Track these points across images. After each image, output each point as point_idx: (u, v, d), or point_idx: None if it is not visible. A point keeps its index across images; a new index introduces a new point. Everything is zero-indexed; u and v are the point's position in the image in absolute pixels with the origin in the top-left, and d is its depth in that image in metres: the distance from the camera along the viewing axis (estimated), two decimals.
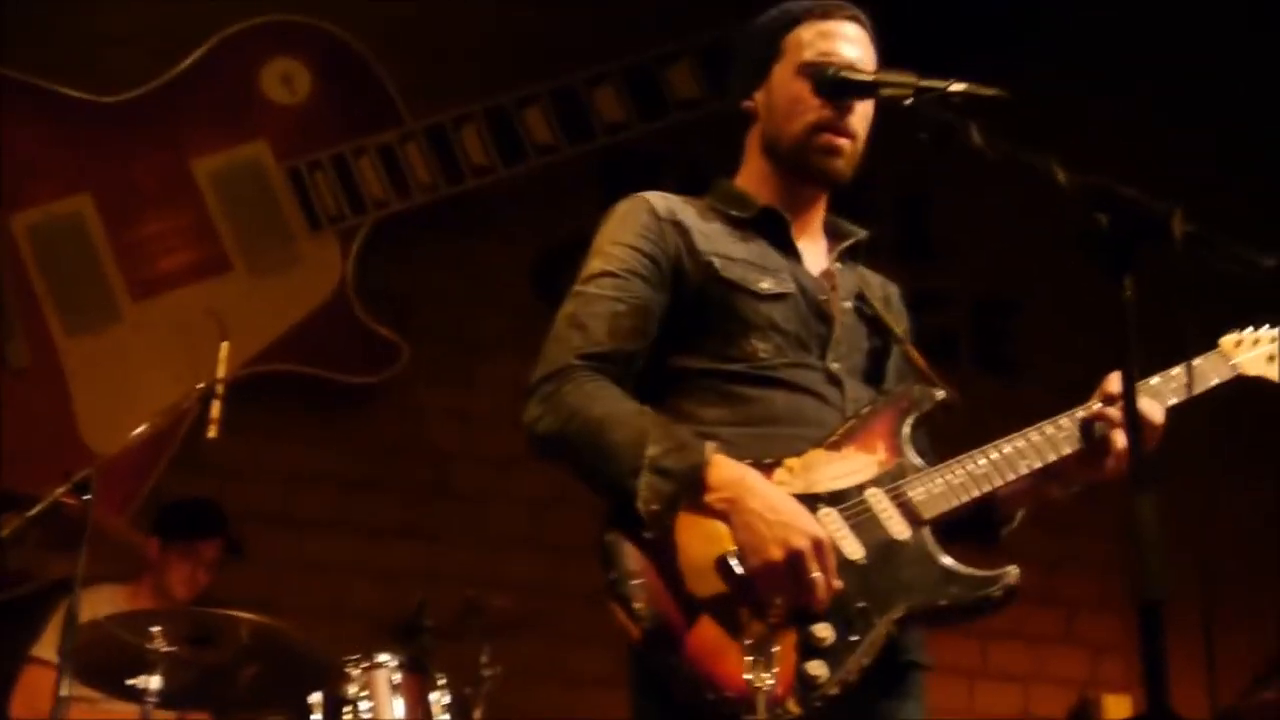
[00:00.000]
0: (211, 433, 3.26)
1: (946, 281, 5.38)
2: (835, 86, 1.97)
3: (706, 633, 1.79)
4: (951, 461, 2.03)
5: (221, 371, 3.31)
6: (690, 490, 1.80)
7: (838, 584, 1.78)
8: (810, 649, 1.75)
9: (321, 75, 4.82)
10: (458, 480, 4.73)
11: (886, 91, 1.93)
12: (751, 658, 1.73)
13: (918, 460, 2.00)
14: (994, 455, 2.00)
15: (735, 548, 1.78)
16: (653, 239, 2.02)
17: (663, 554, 1.83)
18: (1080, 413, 2.04)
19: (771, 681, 1.72)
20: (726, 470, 1.82)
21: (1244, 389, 2.25)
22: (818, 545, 1.75)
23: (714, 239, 2.04)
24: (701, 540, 1.80)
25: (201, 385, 3.31)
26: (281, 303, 4.67)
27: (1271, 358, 2.17)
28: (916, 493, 1.95)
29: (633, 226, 2.05)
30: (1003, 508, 2.01)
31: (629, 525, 1.85)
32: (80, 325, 4.51)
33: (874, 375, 2.10)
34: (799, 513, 1.80)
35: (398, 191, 4.76)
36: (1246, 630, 4.78)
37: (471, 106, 4.84)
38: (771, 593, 1.75)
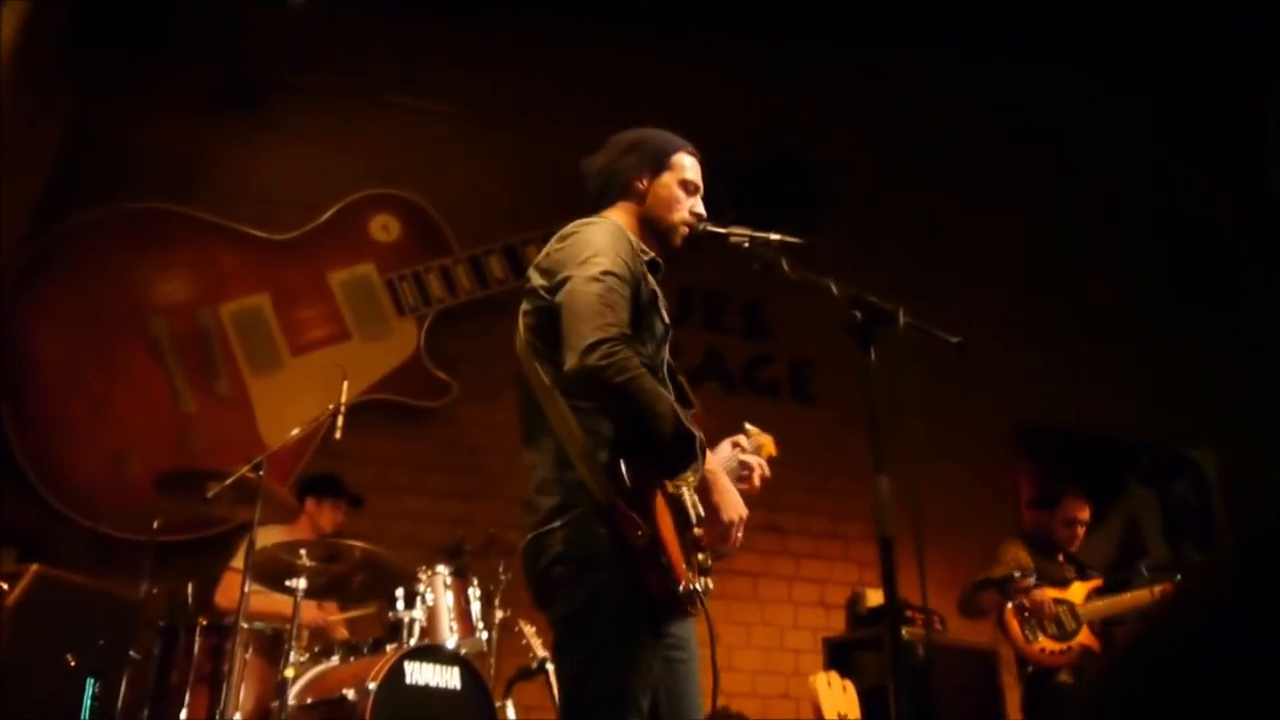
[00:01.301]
0: (338, 434, 4.19)
1: (774, 350, 6.97)
2: (707, 234, 2.53)
3: (674, 551, 2.17)
4: (716, 462, 2.51)
5: (344, 399, 4.23)
6: (700, 461, 2.25)
7: (739, 542, 2.34)
8: (705, 570, 2.28)
9: (406, 224, 6.25)
10: (484, 463, 5.92)
11: (734, 239, 2.47)
12: (693, 571, 2.22)
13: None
14: (723, 461, 2.58)
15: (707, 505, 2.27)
16: (632, 265, 2.33)
17: (653, 496, 2.17)
18: (738, 454, 2.64)
19: (701, 584, 2.23)
20: (710, 455, 2.34)
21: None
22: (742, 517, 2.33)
23: (647, 274, 2.39)
24: (662, 506, 2.19)
25: (331, 406, 4.22)
26: (380, 358, 6.00)
27: (761, 445, 2.71)
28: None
29: (624, 248, 2.34)
30: None
31: (639, 468, 2.15)
32: (260, 369, 5.86)
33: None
34: (739, 497, 2.35)
35: (450, 293, 6.21)
36: (941, 559, 5.67)
37: (494, 244, 6.34)
38: (717, 534, 2.26)
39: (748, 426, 2.76)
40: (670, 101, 6.84)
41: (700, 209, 2.58)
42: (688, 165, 2.59)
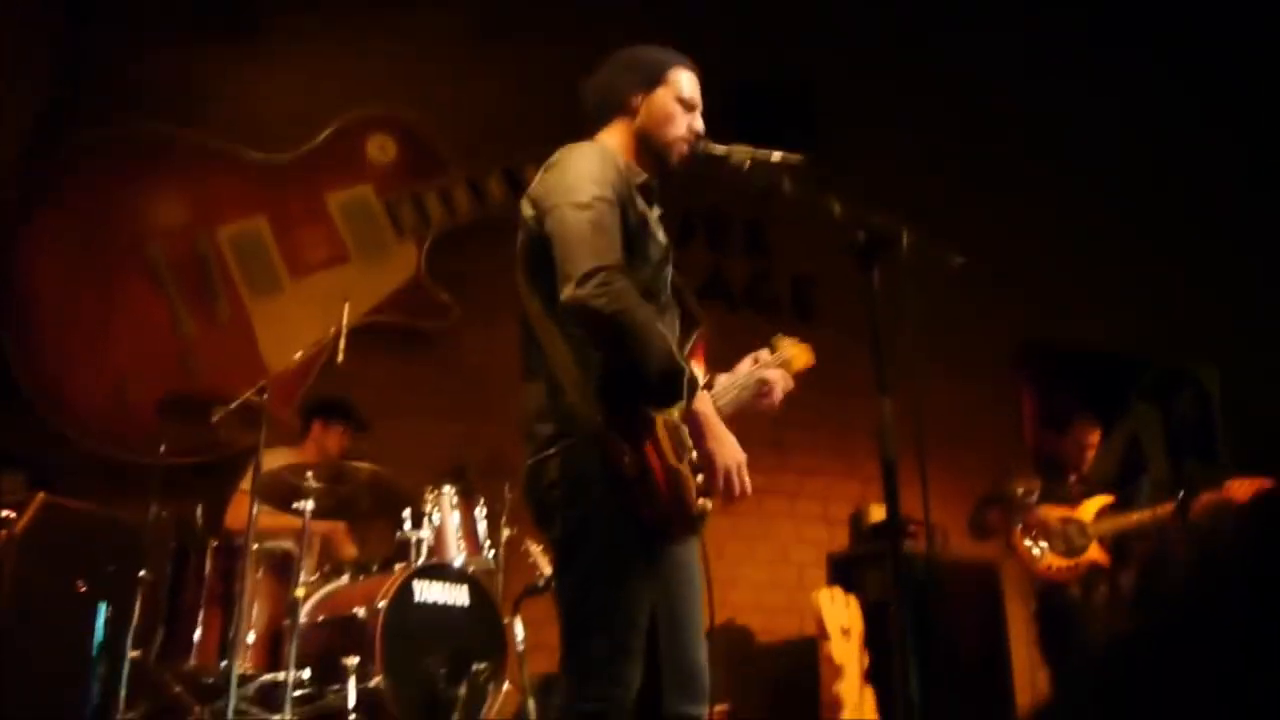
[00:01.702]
0: (340, 358, 4.16)
1: (774, 267, 6.95)
2: (707, 155, 2.50)
3: (670, 477, 2.19)
4: (726, 382, 2.57)
5: (345, 321, 4.22)
6: (692, 397, 2.23)
7: (749, 486, 2.26)
8: (704, 493, 2.27)
9: (403, 145, 6.20)
10: (487, 384, 5.56)
11: (734, 159, 2.45)
12: (697, 494, 2.24)
13: (716, 376, 2.55)
14: (738, 385, 2.58)
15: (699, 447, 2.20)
16: (620, 188, 2.31)
17: (647, 423, 2.18)
18: (758, 371, 2.64)
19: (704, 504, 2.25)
20: (704, 395, 2.28)
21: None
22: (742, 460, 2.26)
23: (636, 197, 2.37)
24: (667, 443, 2.20)
25: (334, 329, 4.22)
26: (381, 280, 5.99)
27: (795, 356, 2.75)
28: (719, 400, 2.48)
29: (610, 171, 2.31)
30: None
31: (627, 397, 2.17)
32: (260, 292, 5.84)
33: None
34: (735, 441, 2.28)
35: (450, 214, 6.18)
36: (945, 474, 5.85)
37: (493, 164, 6.27)
38: (714, 483, 2.22)
39: (777, 338, 2.75)
40: (670, 17, 6.79)
41: (699, 125, 2.54)
42: (684, 81, 2.55)
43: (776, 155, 2.40)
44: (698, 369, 2.43)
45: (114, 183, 5.75)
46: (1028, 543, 4.87)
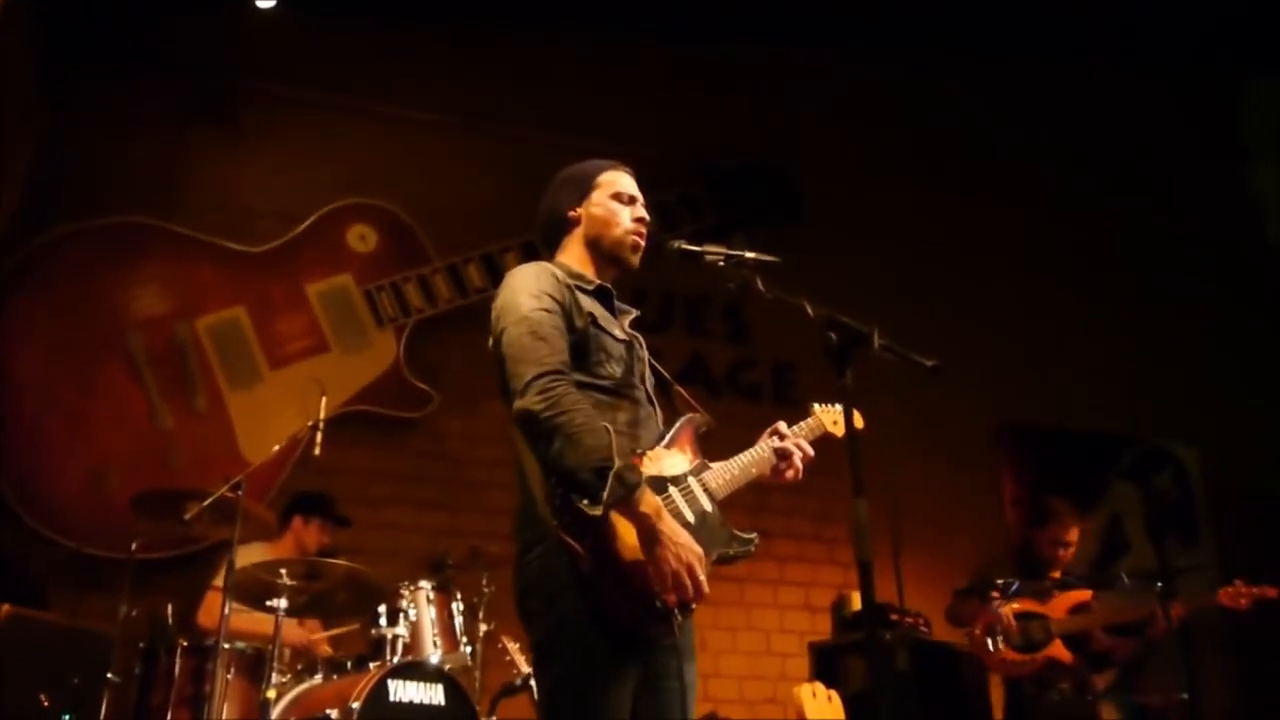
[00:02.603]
0: (316, 451, 4.24)
1: (756, 353, 6.97)
2: (680, 253, 2.51)
3: (636, 572, 2.16)
4: (724, 463, 2.54)
5: (322, 413, 4.29)
6: (630, 498, 2.14)
7: (705, 588, 2.18)
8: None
9: (383, 234, 6.28)
10: (467, 474, 5.90)
11: (709, 257, 2.47)
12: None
13: (709, 462, 2.51)
14: (744, 460, 2.57)
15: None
16: (558, 295, 2.37)
17: (605, 528, 2.15)
18: (774, 443, 2.64)
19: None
20: (649, 495, 2.19)
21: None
22: (697, 561, 2.18)
23: (582, 300, 2.41)
24: (626, 531, 2.17)
25: (310, 422, 4.28)
26: (360, 370, 6.02)
27: (835, 421, 2.80)
28: (712, 482, 2.48)
29: (547, 282, 2.38)
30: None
31: (568, 508, 2.15)
32: (239, 383, 5.84)
33: (658, 400, 2.55)
34: (689, 540, 2.20)
35: (429, 303, 6.23)
36: (926, 559, 6.04)
37: (472, 252, 6.36)
38: (666, 582, 2.14)
39: (814, 406, 2.82)
40: (648, 107, 6.96)
41: (641, 214, 2.59)
42: (616, 179, 2.61)
43: (749, 255, 2.43)
44: (678, 457, 2.42)
45: (93, 272, 5.78)
46: (987, 637, 4.84)
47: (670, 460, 2.38)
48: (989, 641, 4.84)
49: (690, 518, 2.32)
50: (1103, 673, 4.97)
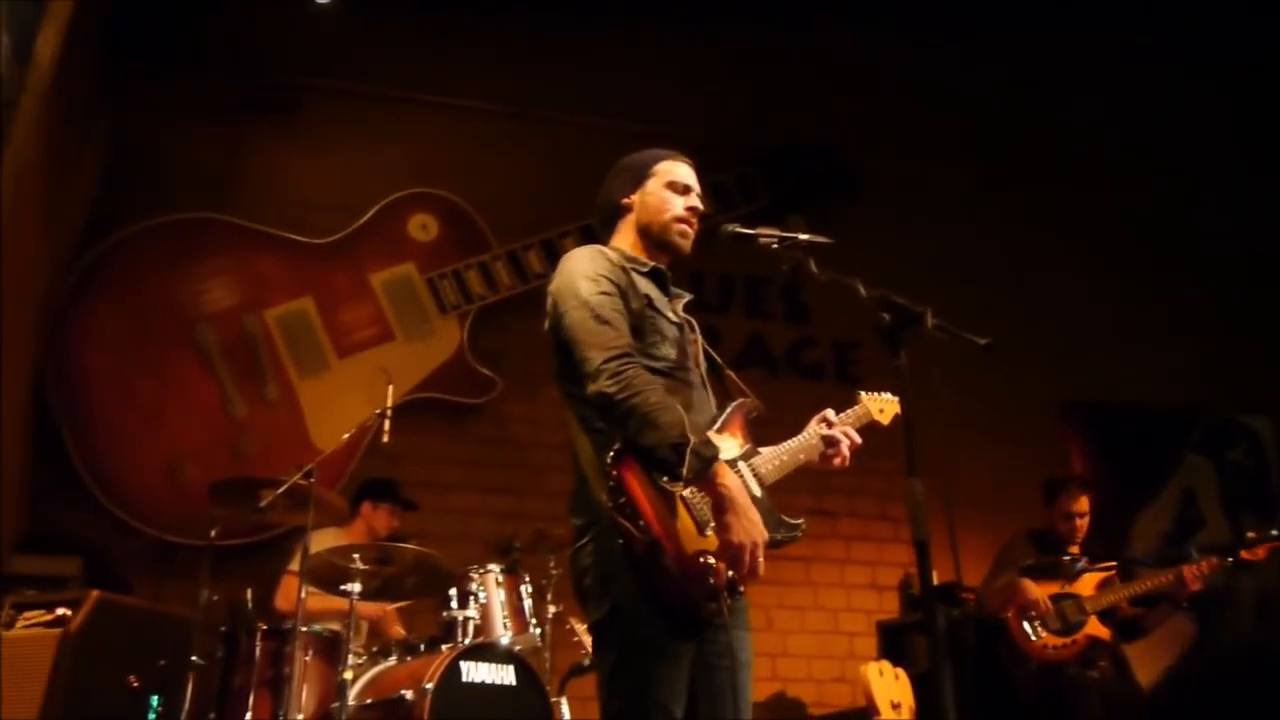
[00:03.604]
0: (385, 438, 4.25)
1: (817, 333, 6.97)
2: (734, 236, 2.52)
3: (688, 553, 2.21)
4: (773, 449, 2.57)
5: (389, 401, 4.32)
6: (707, 471, 2.21)
7: (761, 570, 2.21)
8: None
9: (444, 223, 6.34)
10: (530, 457, 5.99)
11: (762, 240, 2.48)
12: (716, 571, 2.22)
13: (759, 447, 2.55)
14: (793, 446, 2.60)
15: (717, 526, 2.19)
16: (614, 277, 2.41)
17: (669, 503, 2.21)
18: (821, 430, 2.67)
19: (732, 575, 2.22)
20: (726, 469, 2.26)
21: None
22: (761, 541, 2.22)
23: (638, 282, 2.46)
24: (688, 520, 2.24)
25: (378, 410, 4.33)
26: (424, 357, 6.08)
27: (881, 410, 2.88)
28: (762, 468, 2.51)
29: (602, 265, 2.42)
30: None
31: (644, 473, 2.21)
32: (308, 372, 5.95)
33: (710, 385, 2.58)
34: (759, 519, 2.25)
35: (491, 289, 6.29)
36: (981, 539, 5.58)
37: (532, 238, 6.40)
38: (729, 552, 2.19)
39: (861, 394, 2.83)
40: (700, 91, 6.93)
41: (695, 203, 2.62)
42: (672, 169, 2.64)
43: (802, 236, 2.43)
44: (729, 441, 2.45)
45: (161, 268, 5.88)
46: (1024, 625, 4.76)
47: (721, 444, 2.38)
48: (1028, 629, 4.76)
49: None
50: (1133, 643, 4.91)
